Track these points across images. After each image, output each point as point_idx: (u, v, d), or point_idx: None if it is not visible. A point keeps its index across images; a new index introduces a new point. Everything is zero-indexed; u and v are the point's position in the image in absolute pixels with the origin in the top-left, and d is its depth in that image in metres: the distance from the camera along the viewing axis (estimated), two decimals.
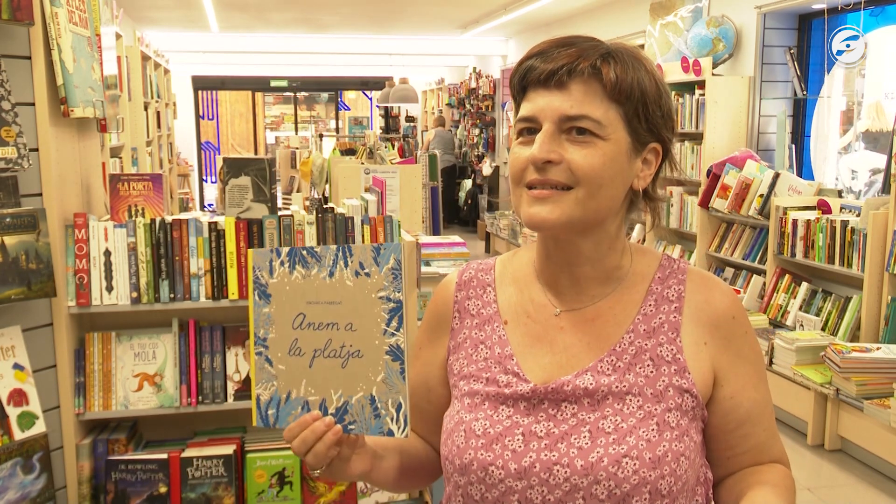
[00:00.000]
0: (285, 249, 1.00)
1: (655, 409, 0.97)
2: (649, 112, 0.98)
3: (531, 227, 0.99)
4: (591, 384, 0.99)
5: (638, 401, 0.97)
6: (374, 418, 0.95)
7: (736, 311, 1.04)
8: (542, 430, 0.97)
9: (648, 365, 1.00)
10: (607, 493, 0.93)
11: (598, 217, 0.99)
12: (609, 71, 0.95)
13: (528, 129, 0.99)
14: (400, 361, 0.95)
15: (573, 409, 0.98)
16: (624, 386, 0.98)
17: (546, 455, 0.96)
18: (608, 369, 1.00)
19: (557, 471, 0.95)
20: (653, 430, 0.95)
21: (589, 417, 0.97)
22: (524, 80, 1.00)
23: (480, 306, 1.10)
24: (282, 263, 1.01)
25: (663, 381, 0.99)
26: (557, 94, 0.96)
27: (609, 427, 0.96)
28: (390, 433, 0.95)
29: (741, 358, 1.03)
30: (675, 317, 1.02)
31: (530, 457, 0.96)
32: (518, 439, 0.97)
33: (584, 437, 0.96)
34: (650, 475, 0.93)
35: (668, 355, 1.00)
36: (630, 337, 1.01)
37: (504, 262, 1.14)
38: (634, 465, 0.93)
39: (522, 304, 1.07)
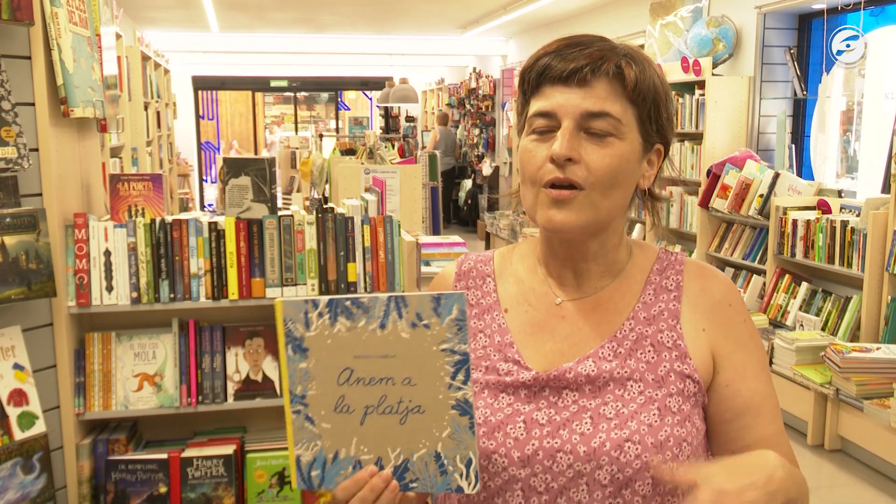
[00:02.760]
0: (323, 300, 0.91)
1: (656, 395, 0.97)
2: (660, 114, 1.00)
3: (548, 230, 0.99)
4: (593, 370, 0.99)
5: (639, 386, 0.98)
6: (440, 475, 0.89)
7: (732, 298, 1.05)
8: (543, 418, 0.98)
9: (649, 351, 1.00)
10: (610, 478, 0.94)
11: (609, 217, 1.00)
12: (631, 72, 0.97)
13: (544, 126, 0.98)
14: (468, 416, 0.89)
15: (574, 395, 0.99)
16: (625, 372, 0.99)
17: (549, 442, 0.96)
18: (609, 355, 1.00)
19: (560, 458, 0.95)
20: (654, 414, 0.96)
21: (590, 404, 0.98)
22: (540, 77, 0.99)
23: (480, 296, 1.10)
24: (320, 315, 0.91)
25: (664, 366, 0.99)
26: (578, 91, 0.96)
27: (610, 413, 0.97)
28: (459, 490, 0.89)
29: (740, 345, 1.03)
30: (674, 305, 1.03)
31: (533, 444, 0.96)
32: (520, 427, 0.98)
33: (586, 423, 0.96)
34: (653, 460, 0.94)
35: (668, 341, 1.01)
36: (631, 324, 1.02)
37: (503, 255, 1.15)
38: (637, 449, 0.94)
39: (523, 293, 1.08)
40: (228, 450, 2.21)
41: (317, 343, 0.91)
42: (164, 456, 2.17)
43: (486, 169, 11.16)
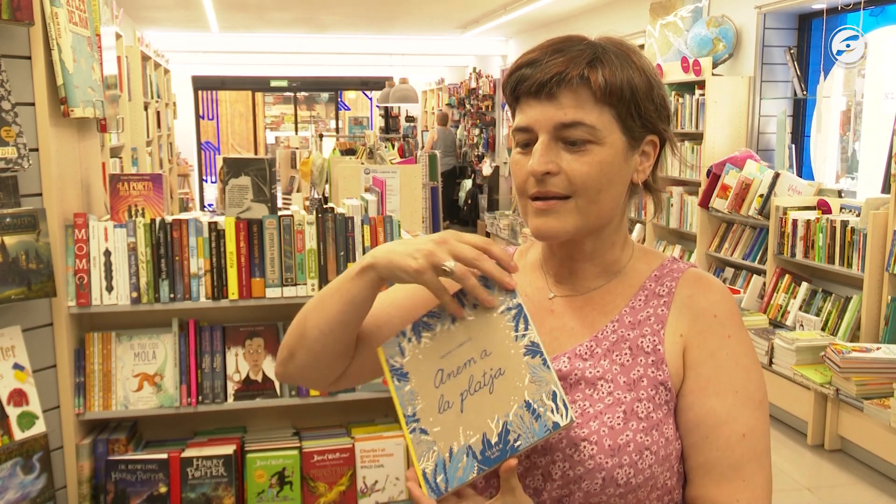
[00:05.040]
0: (409, 327, 1.01)
1: (625, 398, 0.97)
2: (642, 109, 0.98)
3: (538, 238, 1.01)
4: (566, 367, 1.00)
5: (609, 387, 0.97)
6: (535, 421, 0.90)
7: (720, 310, 1.01)
8: None
9: (626, 353, 0.99)
10: (561, 474, 0.94)
11: (600, 220, 1.00)
12: (597, 76, 0.96)
13: (525, 140, 0.99)
14: (539, 354, 0.92)
15: None
16: (597, 371, 0.99)
17: None
18: (586, 354, 1.00)
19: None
20: (618, 417, 0.95)
21: None
22: (516, 91, 1.00)
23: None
24: (409, 340, 1.01)
25: (638, 370, 0.98)
26: (549, 105, 0.97)
27: (576, 411, 0.97)
28: (556, 426, 0.88)
29: (713, 360, 0.99)
30: (662, 310, 1.02)
31: None
32: None
33: None
34: (607, 462, 0.93)
35: (648, 346, 0.99)
36: (614, 325, 1.02)
37: (521, 252, 1.17)
38: (592, 449, 0.94)
39: (523, 286, 1.10)
40: (228, 450, 2.21)
41: (412, 364, 1.00)
42: (164, 456, 2.17)
43: (486, 169, 11.16)
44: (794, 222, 4.51)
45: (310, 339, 1.07)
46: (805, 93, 5.20)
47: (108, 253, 2.14)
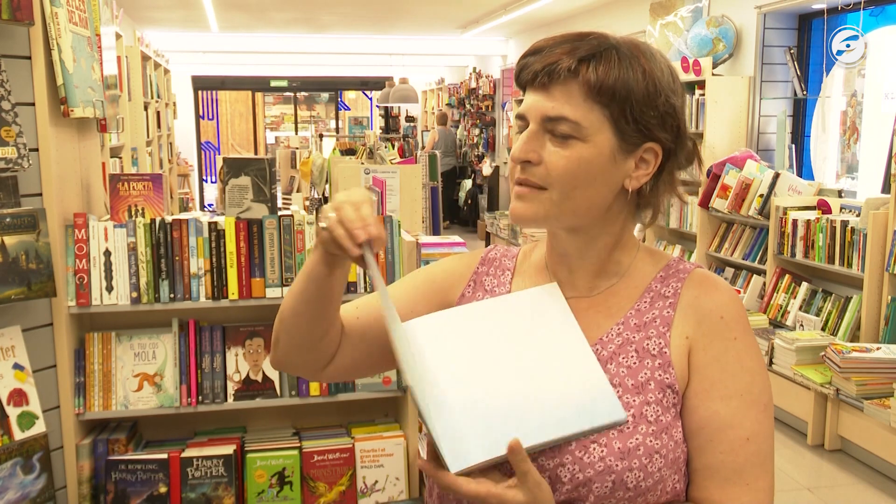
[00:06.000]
0: None
1: (633, 401, 0.96)
2: (636, 113, 0.95)
3: (514, 222, 1.02)
4: None
5: (617, 391, 0.97)
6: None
7: (727, 312, 1.00)
8: None
9: (632, 356, 0.99)
10: (570, 477, 0.93)
11: (576, 217, 0.99)
12: (588, 72, 0.94)
13: (521, 128, 1.01)
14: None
15: None
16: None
17: None
18: None
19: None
20: (628, 420, 0.95)
21: None
22: (519, 79, 1.01)
23: (495, 284, 1.12)
24: None
25: (645, 373, 0.97)
26: (541, 95, 0.97)
27: None
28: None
29: (718, 362, 0.98)
30: (668, 312, 1.01)
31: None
32: None
33: None
34: (617, 465, 0.92)
35: (654, 349, 0.99)
36: (619, 328, 1.01)
37: (525, 252, 1.16)
38: (602, 452, 0.93)
39: (526, 287, 1.09)
40: (228, 450, 2.21)
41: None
42: (164, 456, 2.17)
43: (486, 169, 11.16)
44: (794, 222, 4.51)
45: (285, 321, 1.11)
46: (805, 93, 5.20)
47: (108, 253, 2.14)
